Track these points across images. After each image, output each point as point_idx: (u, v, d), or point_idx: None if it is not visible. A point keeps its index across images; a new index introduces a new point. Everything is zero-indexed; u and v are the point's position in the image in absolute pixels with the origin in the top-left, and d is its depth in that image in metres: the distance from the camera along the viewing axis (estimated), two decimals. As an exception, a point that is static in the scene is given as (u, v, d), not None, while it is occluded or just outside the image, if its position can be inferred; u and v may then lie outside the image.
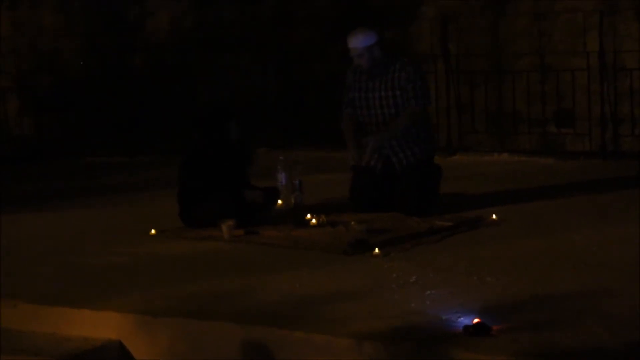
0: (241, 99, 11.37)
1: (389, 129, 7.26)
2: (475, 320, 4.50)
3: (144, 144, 11.70)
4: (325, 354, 4.53)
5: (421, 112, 7.37)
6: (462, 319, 4.63)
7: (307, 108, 11.45)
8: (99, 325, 5.13)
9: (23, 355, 4.99)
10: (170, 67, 12.12)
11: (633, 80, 10.00)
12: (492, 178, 9.02)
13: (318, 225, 6.90)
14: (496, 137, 10.72)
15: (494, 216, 7.03)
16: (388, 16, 11.17)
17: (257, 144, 10.24)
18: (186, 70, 12.00)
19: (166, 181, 8.40)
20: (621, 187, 8.13)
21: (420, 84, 7.32)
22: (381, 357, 4.41)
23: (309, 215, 7.03)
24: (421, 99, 7.29)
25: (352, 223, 6.82)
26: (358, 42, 7.26)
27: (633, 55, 10.02)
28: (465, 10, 10.83)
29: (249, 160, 7.28)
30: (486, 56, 10.76)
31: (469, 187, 8.38)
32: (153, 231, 7.01)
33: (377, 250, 6.09)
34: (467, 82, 10.82)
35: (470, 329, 4.46)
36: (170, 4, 12.21)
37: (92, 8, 12.43)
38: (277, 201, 7.50)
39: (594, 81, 10.09)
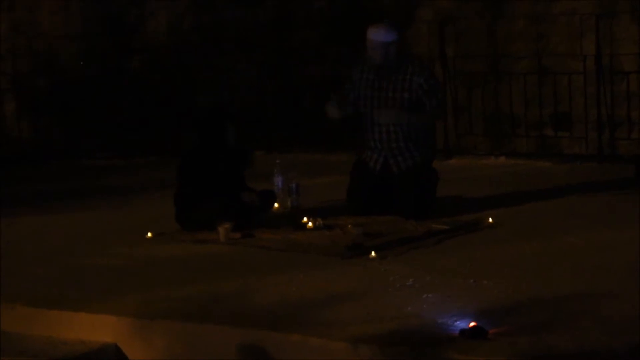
0: (238, 100, 11.37)
1: (412, 113, 7.25)
2: (472, 324, 4.51)
3: (142, 146, 11.69)
4: (322, 356, 4.53)
5: (442, 108, 7.42)
6: (458, 322, 4.64)
7: (304, 111, 11.45)
8: (95, 328, 5.13)
9: (20, 357, 4.99)
10: (169, 68, 12.12)
11: (630, 84, 10.01)
12: (489, 181, 9.02)
13: (315, 228, 6.90)
14: (493, 140, 10.72)
15: (490, 219, 7.03)
16: (386, 18, 11.16)
17: (254, 147, 10.23)
18: (184, 72, 11.99)
19: (163, 183, 8.41)
20: (618, 190, 8.13)
21: (438, 86, 7.42)
22: (377, 360, 4.42)
23: (305, 218, 7.03)
24: (442, 101, 7.39)
25: (349, 226, 6.82)
26: (378, 35, 7.22)
27: (630, 58, 10.02)
28: (463, 12, 10.83)
29: (246, 162, 7.27)
30: (483, 59, 10.76)
31: (466, 190, 8.38)
32: (150, 234, 7.00)
33: (373, 253, 6.09)
34: (465, 84, 10.82)
35: (467, 332, 4.46)
36: (168, 6, 12.20)
37: (91, 10, 12.42)
38: (273, 204, 7.50)
39: (590, 84, 10.09)
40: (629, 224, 6.65)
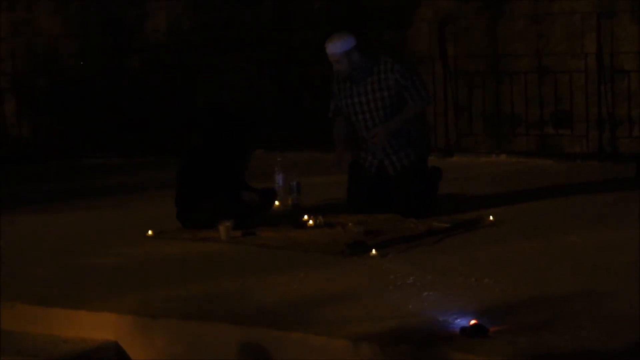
0: (238, 100, 11.37)
1: (395, 117, 7.21)
2: (473, 322, 4.50)
3: (142, 145, 11.69)
4: (322, 355, 4.53)
5: (427, 102, 7.37)
6: (459, 320, 4.64)
7: (304, 110, 11.45)
8: (96, 326, 5.13)
9: (21, 356, 4.99)
10: (169, 68, 12.12)
11: (631, 82, 10.01)
12: (490, 179, 9.02)
13: (315, 226, 6.90)
14: (494, 139, 10.73)
15: (491, 218, 7.03)
16: (386, 18, 11.18)
17: (254, 145, 10.22)
18: (184, 72, 12.00)
19: (164, 182, 8.41)
20: (619, 189, 8.13)
21: (417, 77, 7.30)
22: (378, 358, 4.41)
23: (306, 217, 7.03)
24: (423, 90, 7.28)
25: (350, 224, 6.82)
26: (335, 47, 7.17)
27: (630, 57, 10.03)
28: (463, 12, 10.84)
29: (246, 161, 7.27)
30: (484, 58, 10.77)
31: (467, 189, 8.38)
32: (150, 232, 7.00)
33: (374, 251, 6.09)
34: (465, 83, 10.83)
35: (467, 331, 4.46)
36: (168, 6, 12.21)
37: (90, 9, 12.43)
38: (274, 202, 7.50)
39: (591, 83, 10.11)
40: (629, 224, 6.64)
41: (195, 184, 7.04)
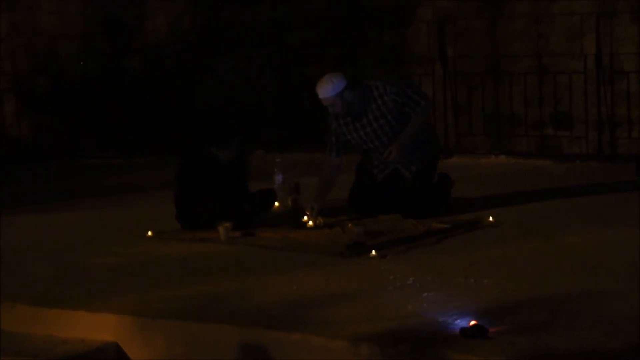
0: (238, 100, 11.37)
1: (405, 131, 7.20)
2: (472, 323, 4.51)
3: (142, 146, 11.70)
4: (322, 356, 4.53)
5: (428, 110, 7.36)
6: (459, 321, 4.64)
7: (304, 110, 11.45)
8: (96, 327, 5.13)
9: (21, 357, 5.00)
10: (169, 68, 12.12)
11: (630, 83, 10.01)
12: (489, 180, 9.03)
13: (315, 227, 6.91)
14: (493, 139, 10.73)
15: (490, 218, 7.03)
16: (386, 18, 11.18)
17: (254, 146, 10.24)
18: (184, 72, 12.00)
19: (163, 183, 8.41)
20: (618, 190, 8.13)
21: (411, 90, 7.26)
22: (377, 359, 4.41)
23: (305, 217, 7.03)
24: (422, 100, 7.24)
25: (349, 225, 6.82)
26: (326, 92, 7.09)
27: (630, 57, 10.03)
28: (463, 12, 10.84)
29: (245, 162, 7.27)
30: (484, 58, 10.77)
31: (466, 190, 8.37)
32: (150, 233, 7.01)
33: (374, 252, 6.09)
34: (465, 84, 10.83)
35: (467, 331, 4.46)
36: (167, 6, 12.21)
37: (91, 10, 12.43)
38: (273, 203, 7.51)
39: (591, 84, 10.11)
40: (629, 224, 6.64)
41: (194, 184, 7.04)
